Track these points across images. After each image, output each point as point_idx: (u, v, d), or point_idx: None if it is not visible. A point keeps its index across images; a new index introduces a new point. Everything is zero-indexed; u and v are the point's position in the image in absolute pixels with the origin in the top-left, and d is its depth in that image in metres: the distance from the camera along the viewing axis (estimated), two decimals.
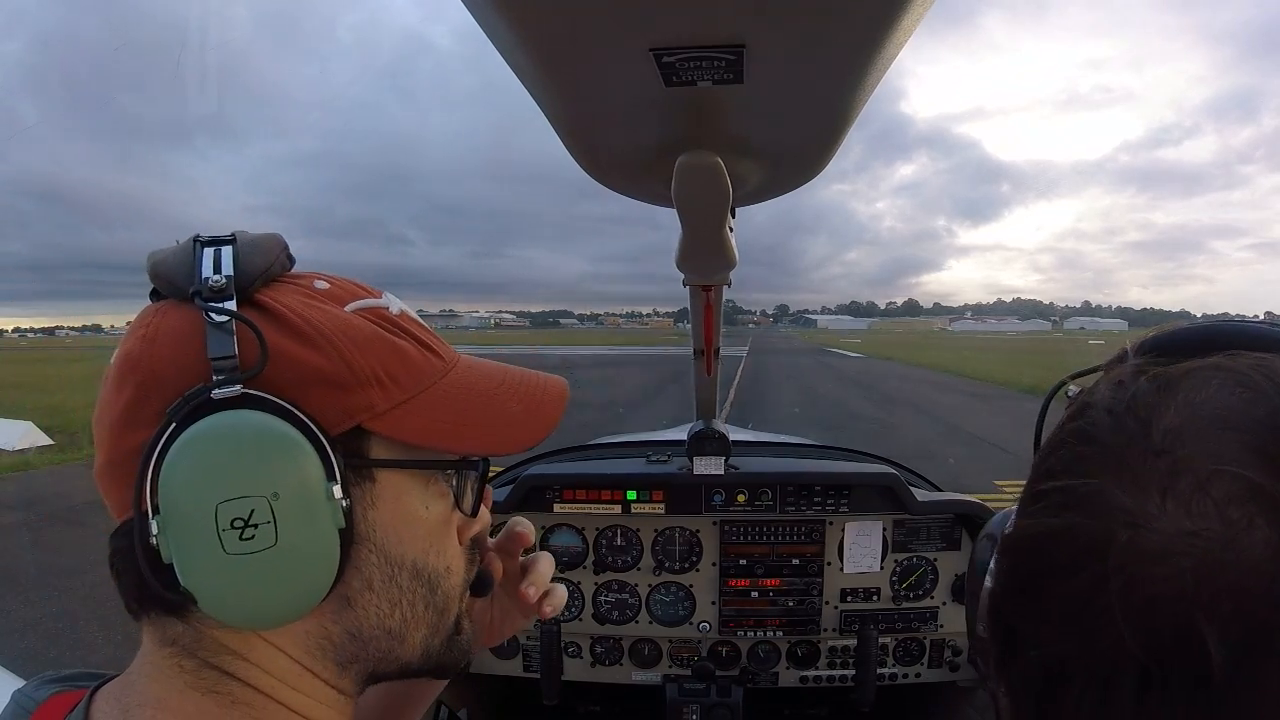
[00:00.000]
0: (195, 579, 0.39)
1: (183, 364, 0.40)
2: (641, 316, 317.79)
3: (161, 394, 0.40)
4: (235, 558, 0.38)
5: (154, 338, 0.41)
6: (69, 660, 3.58)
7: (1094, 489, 0.30)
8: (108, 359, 0.44)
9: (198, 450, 0.38)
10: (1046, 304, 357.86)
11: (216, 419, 0.39)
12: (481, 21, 0.37)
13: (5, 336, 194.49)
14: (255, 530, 0.39)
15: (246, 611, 0.40)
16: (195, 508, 0.38)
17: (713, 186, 0.53)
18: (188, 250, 0.43)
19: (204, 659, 0.42)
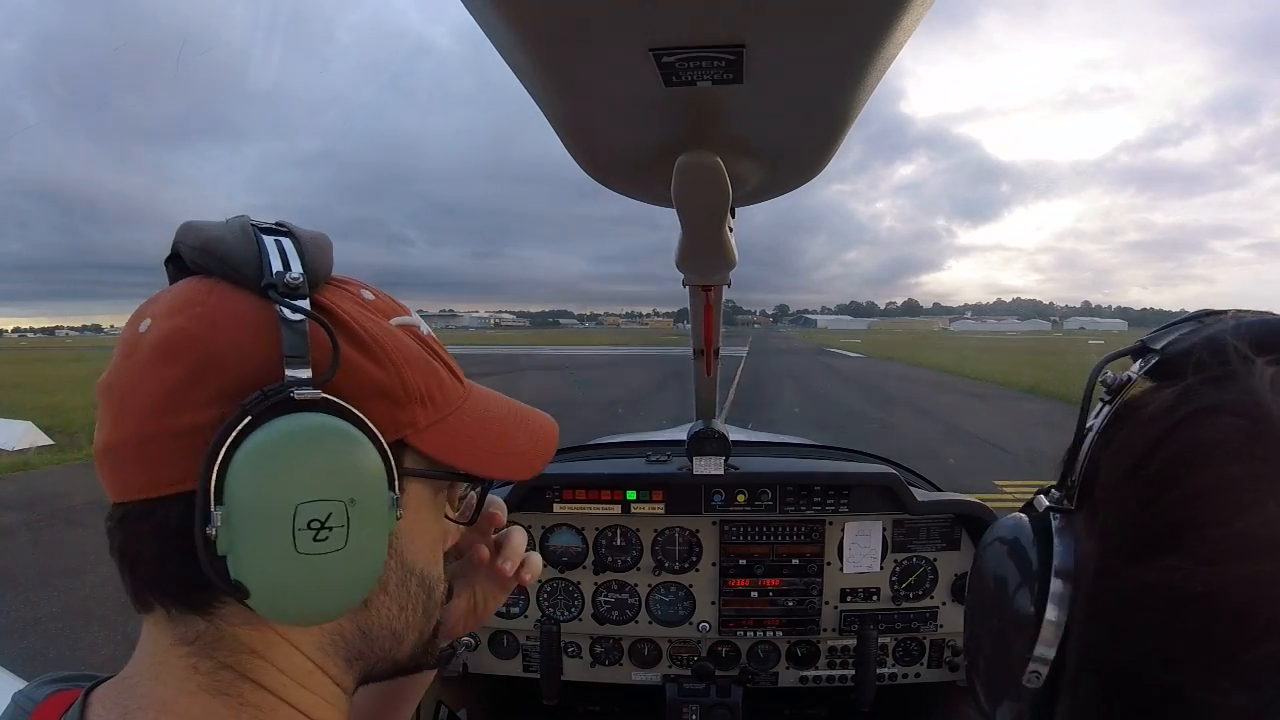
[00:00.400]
0: (253, 573, 0.38)
1: (248, 354, 0.40)
2: (641, 317, 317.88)
3: (220, 379, 0.39)
4: (304, 558, 0.39)
5: (214, 320, 0.40)
6: (69, 660, 3.58)
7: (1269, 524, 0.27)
8: (108, 359, 0.43)
9: (284, 448, 0.38)
10: (1046, 304, 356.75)
11: (302, 419, 0.39)
12: (481, 22, 0.37)
13: (5, 336, 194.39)
14: (329, 533, 0.39)
15: (297, 610, 0.40)
16: (274, 504, 0.38)
17: (712, 186, 0.53)
18: (248, 236, 0.42)
19: (221, 659, 0.41)
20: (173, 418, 0.39)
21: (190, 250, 0.42)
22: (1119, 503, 0.34)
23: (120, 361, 0.41)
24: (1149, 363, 0.37)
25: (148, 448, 0.39)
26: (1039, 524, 0.39)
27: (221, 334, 0.40)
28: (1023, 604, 0.37)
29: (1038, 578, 0.37)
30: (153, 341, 0.40)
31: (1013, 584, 0.39)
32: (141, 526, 0.40)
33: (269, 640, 0.42)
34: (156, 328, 0.41)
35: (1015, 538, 0.40)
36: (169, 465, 0.39)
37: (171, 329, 0.40)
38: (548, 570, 1.47)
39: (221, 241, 0.42)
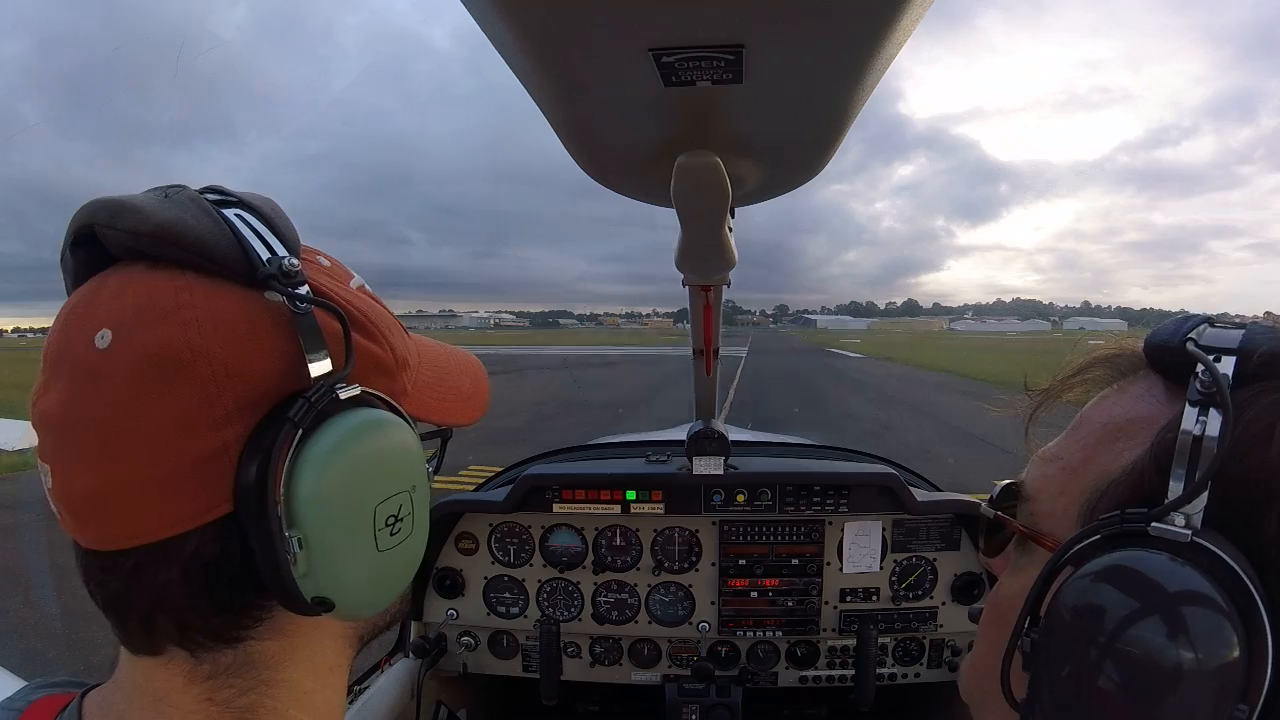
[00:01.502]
0: (338, 584, 0.36)
1: (262, 357, 0.36)
2: (641, 317, 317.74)
3: (236, 391, 0.35)
4: (384, 554, 0.38)
5: (212, 325, 0.35)
6: (70, 661, 3.58)
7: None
8: None
9: (349, 453, 0.36)
10: (1046, 304, 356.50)
11: (353, 419, 0.37)
12: (481, 22, 0.37)
13: (5, 337, 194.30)
14: (401, 524, 0.39)
15: (374, 603, 0.40)
16: (355, 512, 0.37)
17: (712, 186, 0.53)
18: (213, 216, 0.37)
19: (242, 686, 0.38)
20: (190, 445, 0.34)
21: (136, 237, 0.36)
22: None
23: (78, 388, 0.35)
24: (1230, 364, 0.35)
25: (162, 483, 0.34)
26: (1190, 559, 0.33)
27: (225, 340, 0.35)
28: (1232, 664, 0.31)
29: (1244, 639, 0.31)
30: (135, 360, 0.34)
31: (1199, 638, 0.32)
32: (163, 569, 0.35)
33: (295, 645, 0.41)
34: (131, 342, 0.35)
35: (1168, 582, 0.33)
36: (192, 497, 0.35)
37: (161, 343, 0.34)
38: (547, 570, 1.47)
39: (185, 226, 0.36)
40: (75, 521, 0.36)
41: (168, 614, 0.36)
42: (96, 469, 0.35)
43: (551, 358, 34.94)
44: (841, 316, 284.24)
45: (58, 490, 0.36)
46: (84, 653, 3.69)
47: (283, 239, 0.38)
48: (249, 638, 0.38)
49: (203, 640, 0.37)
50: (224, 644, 0.38)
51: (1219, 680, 0.31)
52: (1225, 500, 0.33)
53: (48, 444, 0.37)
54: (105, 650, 2.81)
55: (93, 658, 3.60)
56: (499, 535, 1.48)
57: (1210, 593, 0.32)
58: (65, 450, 0.36)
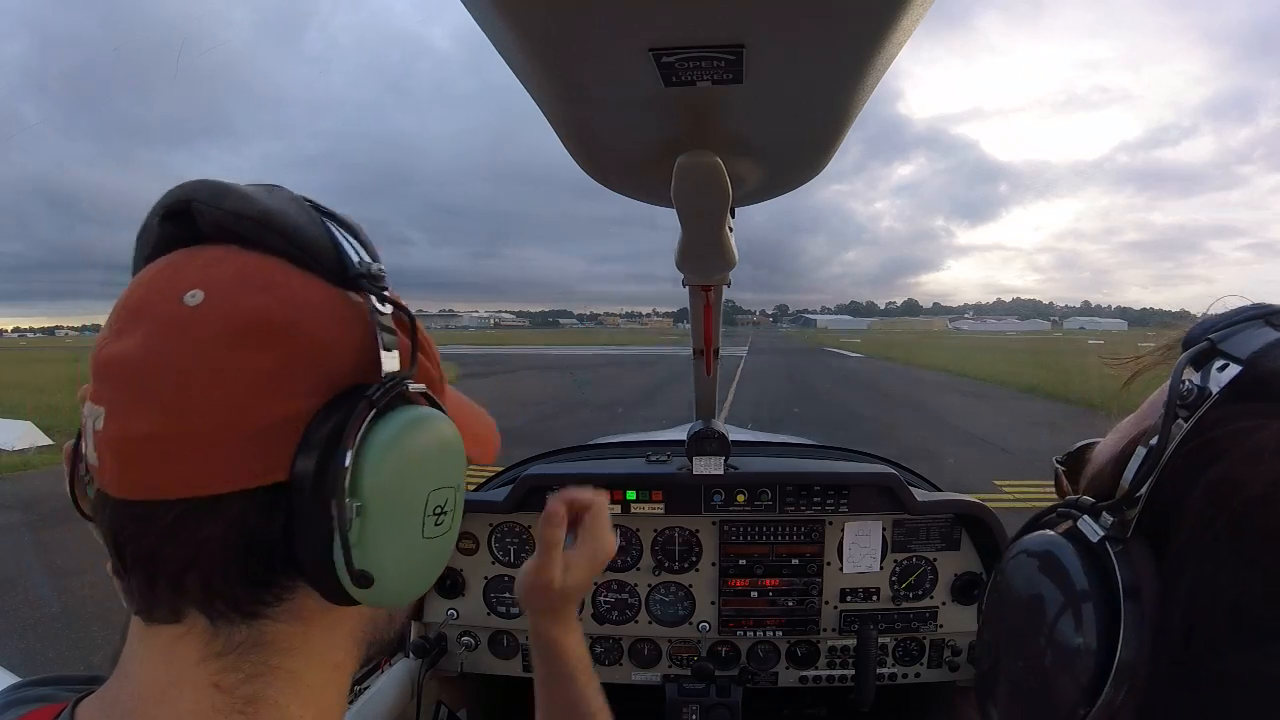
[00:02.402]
0: (382, 560, 0.38)
1: (343, 346, 0.38)
2: (641, 317, 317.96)
3: (316, 370, 0.37)
4: (427, 542, 0.40)
5: (303, 305, 0.38)
6: (70, 661, 3.59)
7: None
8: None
9: (415, 440, 0.39)
10: (1046, 304, 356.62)
11: (419, 412, 0.40)
12: (481, 22, 0.37)
13: (5, 336, 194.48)
14: (445, 518, 0.41)
15: (403, 592, 0.41)
16: (411, 493, 0.39)
17: (712, 186, 0.53)
18: (314, 218, 0.40)
19: (250, 670, 0.38)
20: (264, 406, 0.36)
21: (238, 219, 0.38)
22: (1222, 563, 0.29)
23: (160, 336, 0.36)
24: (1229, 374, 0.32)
25: (228, 438, 0.35)
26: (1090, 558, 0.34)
27: (313, 322, 0.38)
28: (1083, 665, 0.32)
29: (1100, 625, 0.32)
30: (226, 319, 0.36)
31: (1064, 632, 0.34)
32: (205, 525, 0.36)
33: (308, 635, 0.41)
34: (224, 305, 0.36)
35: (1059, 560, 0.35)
36: (254, 458, 0.36)
37: (255, 309, 0.36)
38: None
39: (288, 217, 0.39)
40: (121, 465, 0.36)
41: (198, 574, 0.36)
42: (164, 413, 0.35)
43: (551, 358, 34.95)
44: (841, 316, 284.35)
45: (110, 432, 0.36)
46: (85, 651, 3.69)
47: (367, 249, 0.42)
48: (266, 616, 0.39)
49: (223, 609, 0.37)
50: (241, 618, 0.38)
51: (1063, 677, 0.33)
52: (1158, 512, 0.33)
53: (110, 387, 0.37)
54: (105, 650, 2.82)
55: (93, 657, 3.60)
56: (499, 535, 1.48)
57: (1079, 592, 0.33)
58: (132, 392, 0.36)
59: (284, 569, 0.38)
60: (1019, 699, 0.38)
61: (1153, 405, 0.40)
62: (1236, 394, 0.32)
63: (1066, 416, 12.71)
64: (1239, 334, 0.33)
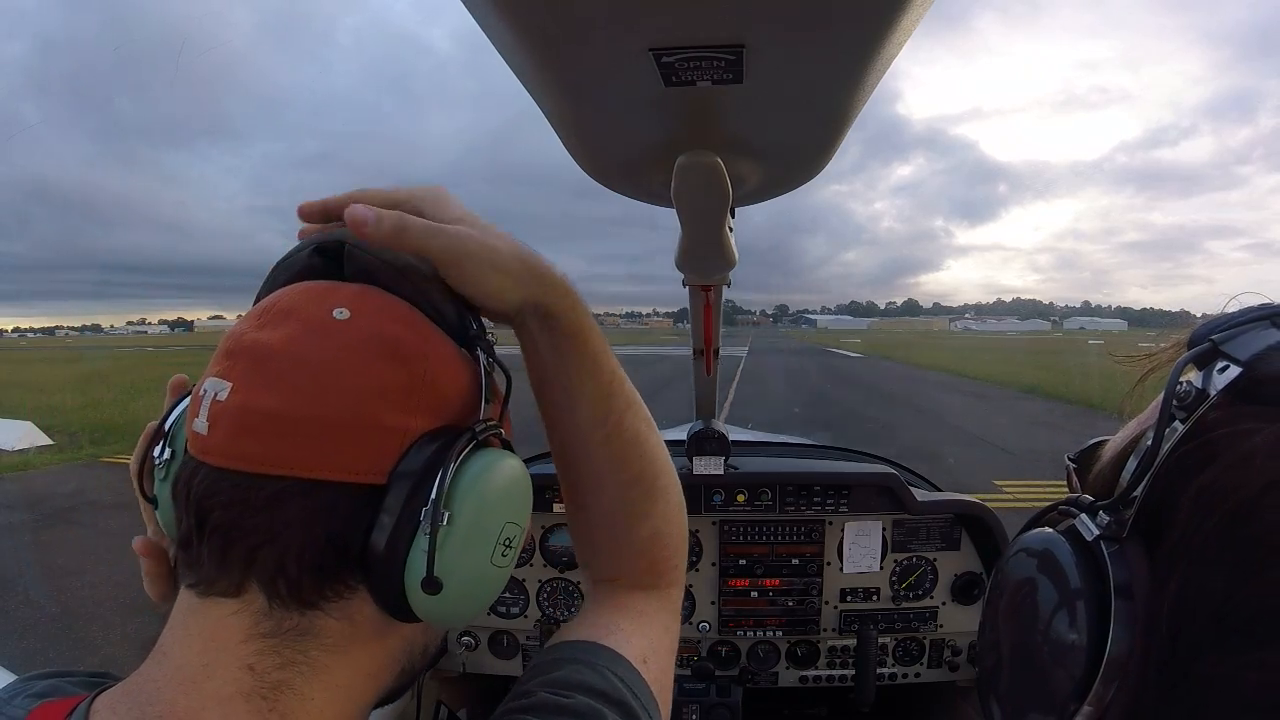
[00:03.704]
0: (454, 572, 0.40)
1: (458, 387, 0.44)
2: (641, 317, 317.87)
3: (432, 397, 0.42)
4: (493, 569, 0.43)
5: (432, 346, 0.43)
6: (69, 661, 3.58)
7: None
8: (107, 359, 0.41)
9: (504, 474, 0.43)
10: (1046, 304, 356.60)
11: (505, 454, 0.44)
12: (482, 23, 0.37)
13: (5, 336, 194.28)
14: (510, 551, 0.44)
15: (459, 612, 0.43)
16: (490, 519, 0.42)
17: (712, 186, 0.53)
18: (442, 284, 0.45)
19: (289, 655, 0.39)
20: (383, 412, 0.40)
21: (386, 266, 0.44)
22: (1208, 567, 0.29)
23: (307, 335, 0.40)
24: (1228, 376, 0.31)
25: (347, 430, 0.39)
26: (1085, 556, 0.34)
27: (439, 359, 0.43)
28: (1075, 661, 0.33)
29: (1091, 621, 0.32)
30: (368, 333, 0.41)
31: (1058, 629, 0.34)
32: (297, 504, 0.38)
33: (354, 638, 0.41)
34: (368, 324, 0.41)
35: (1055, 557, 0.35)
36: (362, 455, 0.39)
37: (395, 335, 0.41)
38: (548, 570, 1.47)
39: (426, 276, 0.45)
40: (235, 433, 0.38)
41: (274, 550, 0.38)
42: (294, 394, 0.38)
43: None
44: (841, 316, 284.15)
45: (233, 402, 0.39)
46: (84, 652, 3.69)
47: (475, 315, 0.47)
48: (320, 609, 0.40)
49: (285, 592, 0.39)
50: (298, 605, 0.39)
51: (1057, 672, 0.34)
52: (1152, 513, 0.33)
53: (244, 365, 0.40)
54: (105, 650, 2.82)
55: (92, 658, 3.60)
56: None
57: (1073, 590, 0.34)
58: (266, 372, 0.39)
59: (352, 569, 0.40)
60: (1017, 694, 0.39)
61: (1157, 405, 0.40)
62: (1235, 396, 0.31)
63: (1067, 416, 12.71)
64: (1242, 335, 0.32)
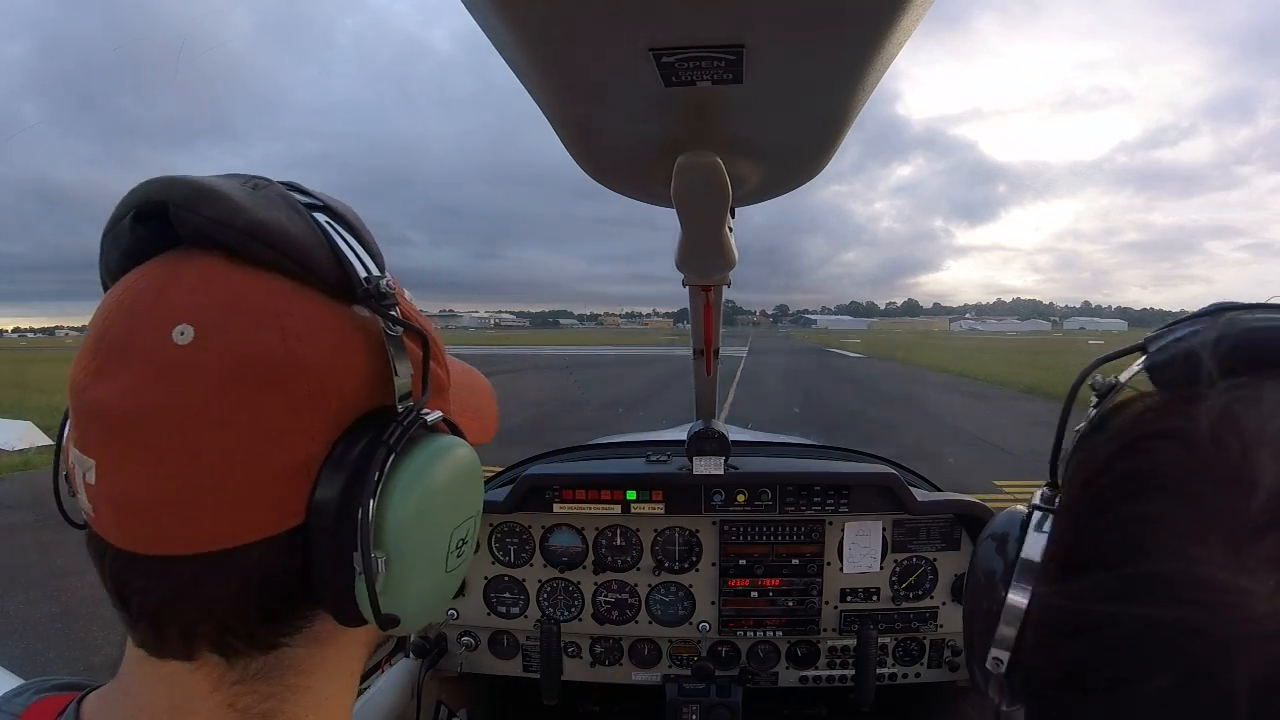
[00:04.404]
0: (408, 602, 0.36)
1: (354, 376, 0.36)
2: (641, 317, 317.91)
3: (328, 407, 0.34)
4: (449, 574, 0.39)
5: (312, 337, 0.34)
6: (69, 661, 3.59)
7: (1181, 572, 0.25)
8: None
9: (435, 478, 0.37)
10: (1046, 304, 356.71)
11: (438, 445, 0.38)
12: (482, 23, 0.37)
13: (5, 336, 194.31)
14: (465, 547, 0.40)
15: (428, 618, 0.40)
16: (435, 537, 0.37)
17: (712, 186, 0.53)
18: (312, 227, 0.36)
19: (266, 690, 0.37)
20: (275, 455, 0.33)
21: (223, 229, 0.33)
22: (1070, 514, 0.33)
23: (151, 384, 0.32)
24: (1136, 367, 0.34)
25: (236, 492, 0.33)
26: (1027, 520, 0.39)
27: (319, 352, 0.34)
28: (993, 596, 0.37)
29: (1004, 574, 0.36)
30: (225, 362, 0.32)
31: (989, 576, 0.39)
32: (222, 579, 0.34)
33: (326, 654, 0.39)
34: (221, 344, 0.32)
35: (1005, 531, 0.40)
36: (267, 507, 0.33)
37: (250, 348, 0.33)
38: (548, 570, 1.47)
39: (282, 229, 0.34)
40: (122, 522, 0.33)
41: (213, 623, 0.34)
42: (166, 471, 0.32)
43: (552, 358, 34.93)
44: (841, 317, 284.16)
45: (105, 488, 0.33)
46: (84, 653, 3.69)
47: (371, 253, 0.38)
48: (284, 645, 0.37)
49: (240, 646, 0.36)
50: (259, 650, 0.36)
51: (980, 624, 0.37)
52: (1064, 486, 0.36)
53: (98, 437, 0.33)
54: (105, 650, 2.82)
55: (93, 658, 3.60)
56: (499, 535, 1.48)
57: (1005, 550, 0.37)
58: (124, 449, 0.32)
59: (305, 602, 0.36)
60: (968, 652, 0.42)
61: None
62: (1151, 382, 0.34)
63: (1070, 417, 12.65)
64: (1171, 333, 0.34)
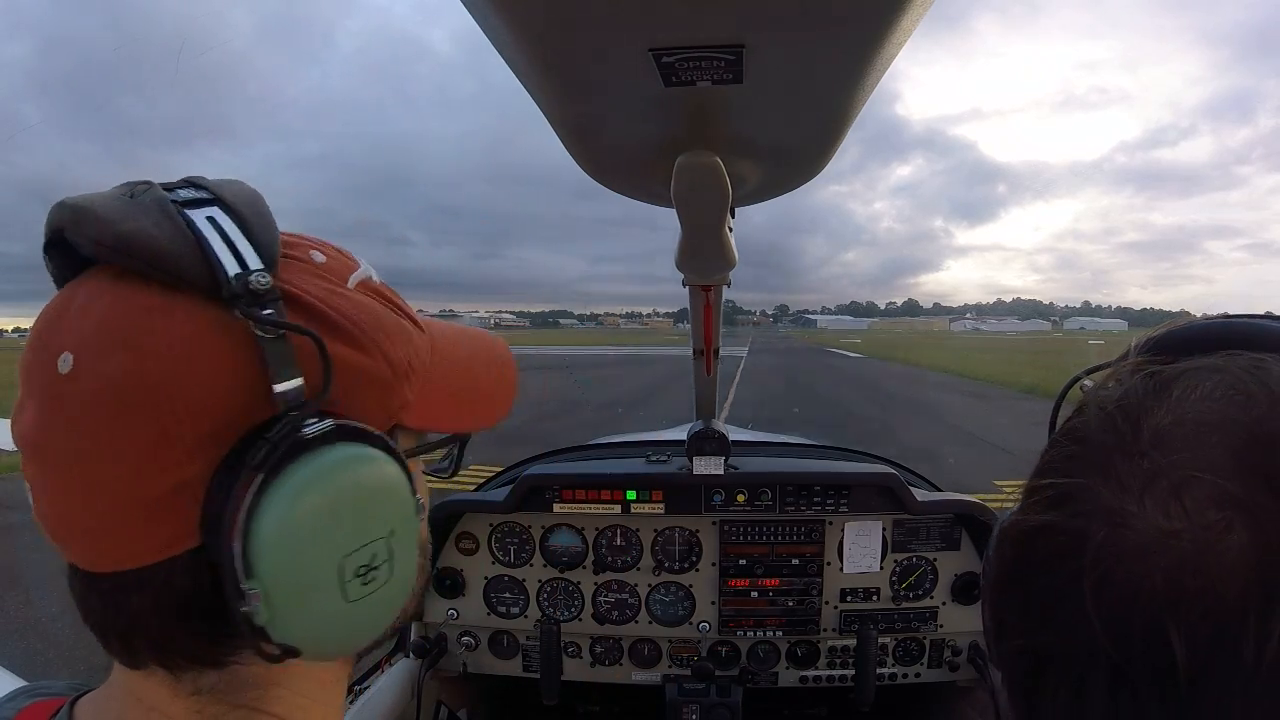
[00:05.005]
0: (303, 634, 0.34)
1: (226, 387, 0.33)
2: (641, 317, 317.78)
3: (198, 426, 0.33)
4: (355, 604, 0.36)
5: (172, 354, 0.33)
6: (70, 661, 3.58)
7: (1079, 487, 0.30)
8: None
9: (314, 504, 0.33)
10: (1046, 304, 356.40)
11: (321, 461, 0.34)
12: (482, 23, 0.37)
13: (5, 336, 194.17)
14: (376, 572, 0.36)
15: (351, 647, 0.38)
16: (314, 566, 0.34)
17: (712, 186, 0.53)
18: (178, 224, 0.34)
19: (233, 701, 0.37)
20: (151, 481, 0.33)
21: (98, 247, 0.33)
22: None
23: (45, 413, 0.33)
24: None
25: (128, 515, 0.33)
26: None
27: (187, 370, 0.33)
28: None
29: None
30: (95, 392, 0.32)
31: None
32: (136, 597, 0.34)
33: (290, 671, 0.39)
34: (91, 371, 0.32)
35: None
36: (157, 530, 0.33)
37: (120, 374, 0.32)
38: (548, 570, 1.47)
39: (145, 237, 0.33)
40: (56, 538, 0.36)
41: (143, 637, 0.35)
42: (65, 494, 0.34)
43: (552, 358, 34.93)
44: (842, 317, 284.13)
45: (37, 510, 0.36)
46: (84, 653, 3.68)
47: (258, 245, 0.35)
48: (234, 661, 0.37)
49: (183, 662, 0.36)
50: (207, 666, 0.36)
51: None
52: None
53: (26, 465, 0.35)
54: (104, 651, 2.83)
55: (93, 658, 3.60)
56: (499, 535, 1.48)
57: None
58: (38, 472, 0.35)
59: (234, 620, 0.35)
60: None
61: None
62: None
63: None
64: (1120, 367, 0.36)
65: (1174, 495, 0.27)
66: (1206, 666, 0.25)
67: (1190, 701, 0.26)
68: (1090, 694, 0.28)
